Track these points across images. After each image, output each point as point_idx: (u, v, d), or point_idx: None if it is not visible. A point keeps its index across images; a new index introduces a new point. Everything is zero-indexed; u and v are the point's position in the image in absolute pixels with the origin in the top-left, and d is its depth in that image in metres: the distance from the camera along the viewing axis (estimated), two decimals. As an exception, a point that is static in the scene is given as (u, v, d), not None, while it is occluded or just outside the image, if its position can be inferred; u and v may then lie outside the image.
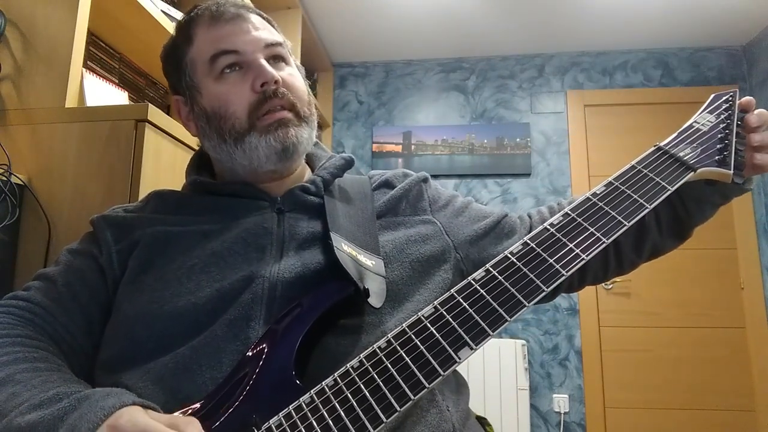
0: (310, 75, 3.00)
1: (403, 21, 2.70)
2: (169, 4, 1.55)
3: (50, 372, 0.54)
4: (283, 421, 0.47)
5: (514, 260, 0.54)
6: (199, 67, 0.71)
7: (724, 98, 0.70)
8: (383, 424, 0.45)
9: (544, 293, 0.51)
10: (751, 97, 0.68)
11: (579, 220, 0.57)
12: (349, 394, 0.48)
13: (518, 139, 2.93)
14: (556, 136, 2.94)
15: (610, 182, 0.61)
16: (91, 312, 0.65)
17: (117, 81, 1.46)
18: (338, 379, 0.49)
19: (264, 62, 0.69)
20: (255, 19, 0.73)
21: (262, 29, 0.72)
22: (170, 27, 1.38)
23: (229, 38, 0.69)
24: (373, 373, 0.48)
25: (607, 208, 0.58)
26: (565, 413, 2.62)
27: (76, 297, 0.64)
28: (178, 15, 1.54)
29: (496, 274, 0.53)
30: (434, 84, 3.10)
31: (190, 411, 0.51)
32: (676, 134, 0.67)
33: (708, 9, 2.55)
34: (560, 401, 2.63)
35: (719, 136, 0.65)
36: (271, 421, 0.48)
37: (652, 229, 0.74)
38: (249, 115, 0.68)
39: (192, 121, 0.75)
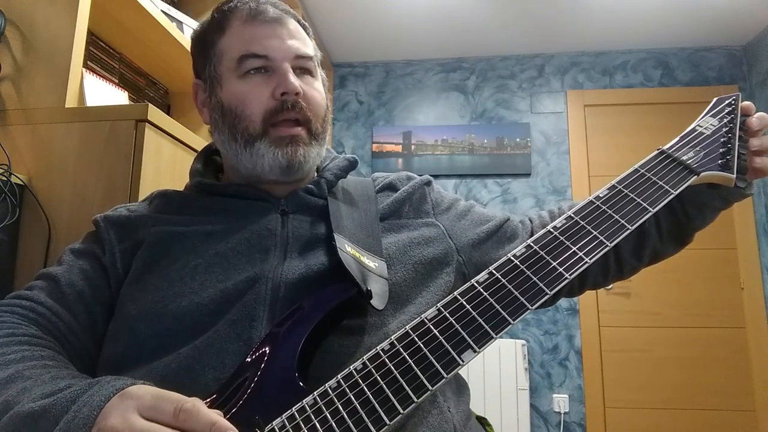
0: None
1: (403, 21, 2.70)
2: (169, 4, 1.55)
3: (59, 369, 0.54)
4: (286, 423, 0.47)
5: (518, 263, 0.54)
6: (226, 61, 0.71)
7: (727, 102, 0.70)
8: (386, 426, 0.45)
9: (547, 296, 0.51)
10: (750, 102, 0.69)
11: (582, 223, 0.57)
12: (352, 396, 0.47)
13: (518, 139, 2.93)
14: (556, 136, 2.94)
15: (614, 186, 0.61)
16: (95, 311, 0.65)
17: (117, 81, 1.46)
18: (341, 381, 0.49)
19: (290, 72, 0.69)
20: (292, 25, 0.73)
21: (296, 38, 0.72)
22: (170, 27, 1.38)
23: (262, 41, 0.69)
24: (376, 375, 0.48)
25: (610, 212, 0.58)
26: (565, 413, 2.62)
27: (79, 297, 0.64)
28: (178, 15, 1.53)
29: (500, 276, 0.53)
30: (434, 84, 3.10)
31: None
32: (678, 138, 0.67)
33: (708, 9, 2.56)
34: (560, 401, 2.63)
35: (722, 139, 0.65)
36: (274, 423, 0.47)
37: (652, 234, 0.74)
38: (264, 120, 0.68)
39: (207, 109, 0.75)
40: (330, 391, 0.48)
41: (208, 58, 0.73)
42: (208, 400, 0.52)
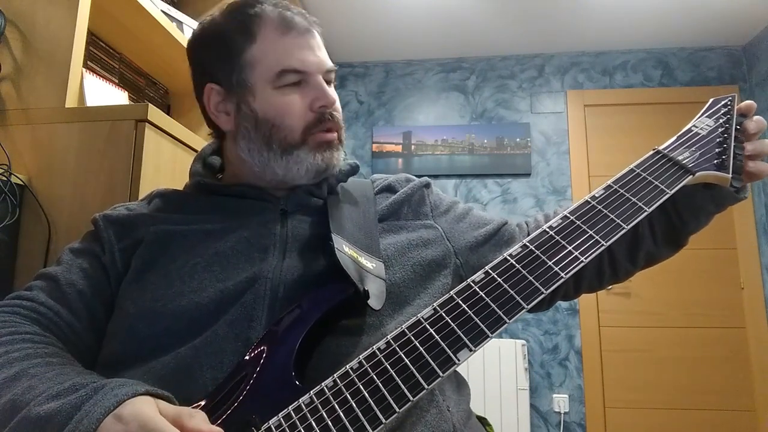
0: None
1: (403, 21, 2.70)
2: (169, 4, 1.55)
3: (63, 366, 0.54)
4: (283, 422, 0.47)
5: (513, 263, 0.54)
6: (262, 72, 0.69)
7: (723, 102, 0.70)
8: (382, 425, 0.46)
9: (543, 295, 0.51)
10: (752, 102, 0.68)
11: (578, 223, 0.57)
12: (348, 395, 0.48)
13: (518, 139, 2.93)
14: (556, 136, 2.94)
15: (609, 185, 0.61)
16: (96, 310, 0.65)
17: (117, 81, 1.46)
18: (338, 380, 0.49)
19: (325, 84, 0.71)
20: (318, 36, 0.74)
21: (323, 50, 0.74)
22: (170, 27, 1.38)
23: (298, 55, 0.70)
24: (373, 374, 0.49)
25: (606, 211, 0.58)
26: (565, 413, 2.62)
27: (79, 296, 0.64)
28: (178, 15, 1.54)
29: (495, 276, 0.53)
30: (434, 84, 3.10)
31: (190, 410, 0.51)
32: (674, 138, 0.67)
33: (708, 9, 2.55)
34: (560, 401, 2.63)
35: (718, 140, 0.65)
36: (270, 422, 0.48)
37: (646, 237, 0.74)
38: (303, 131, 0.70)
39: (226, 114, 0.73)
40: (326, 390, 0.49)
41: (234, 65, 0.70)
42: (202, 402, 0.52)
